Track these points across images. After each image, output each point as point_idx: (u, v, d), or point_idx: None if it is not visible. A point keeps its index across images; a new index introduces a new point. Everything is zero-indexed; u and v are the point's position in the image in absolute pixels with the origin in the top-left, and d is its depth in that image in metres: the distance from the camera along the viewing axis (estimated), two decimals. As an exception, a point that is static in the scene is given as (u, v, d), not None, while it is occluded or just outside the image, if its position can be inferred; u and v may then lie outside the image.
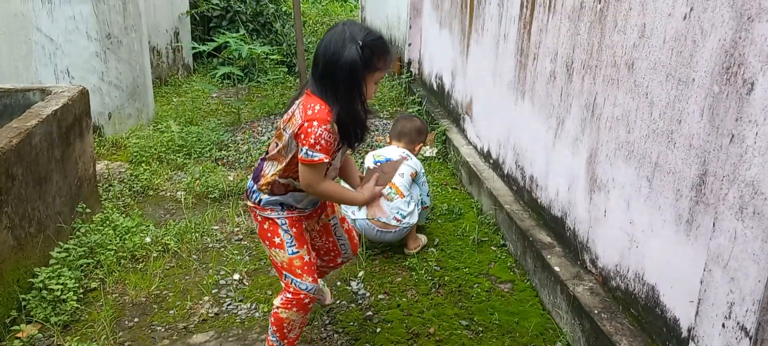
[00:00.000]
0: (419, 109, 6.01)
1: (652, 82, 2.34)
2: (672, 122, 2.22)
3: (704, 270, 1.84)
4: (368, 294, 3.15)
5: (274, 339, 2.43)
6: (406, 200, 3.44)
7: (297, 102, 2.26)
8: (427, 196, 3.72)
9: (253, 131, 5.55)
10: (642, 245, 2.43)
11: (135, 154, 4.83)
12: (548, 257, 3.06)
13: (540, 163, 3.44)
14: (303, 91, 2.27)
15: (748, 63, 1.80)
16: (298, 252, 2.36)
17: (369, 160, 3.62)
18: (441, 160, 5.09)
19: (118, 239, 3.42)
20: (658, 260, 2.33)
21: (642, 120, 2.41)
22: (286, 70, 7.80)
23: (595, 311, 2.59)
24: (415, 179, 3.56)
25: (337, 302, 3.10)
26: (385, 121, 5.89)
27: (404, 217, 3.41)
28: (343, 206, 3.53)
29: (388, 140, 3.79)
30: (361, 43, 2.10)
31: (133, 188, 4.30)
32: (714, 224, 1.81)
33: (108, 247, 3.30)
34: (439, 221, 3.97)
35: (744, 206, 1.69)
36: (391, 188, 3.42)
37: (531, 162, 3.58)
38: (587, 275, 2.87)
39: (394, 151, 3.61)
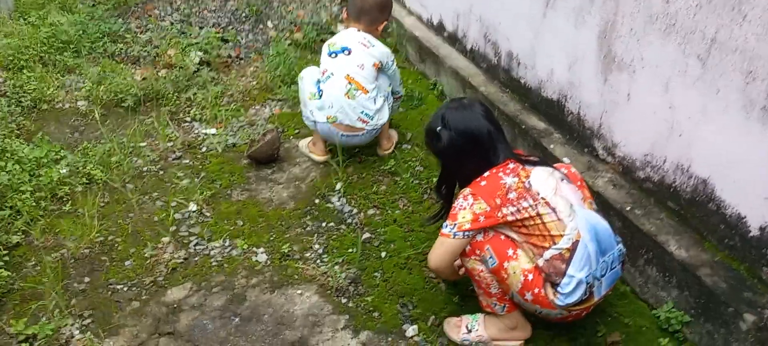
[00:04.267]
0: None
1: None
2: (739, -9, 1.89)
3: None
4: (356, 210, 2.74)
5: None
6: (372, 96, 2.96)
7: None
8: (400, 85, 3.25)
9: (151, 15, 4.66)
10: (687, 133, 2.17)
11: (9, 57, 3.87)
12: (550, 146, 2.77)
13: (522, 39, 3.05)
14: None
15: None
16: None
17: (324, 51, 3.05)
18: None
19: (28, 175, 2.70)
20: (712, 150, 2.09)
21: (689, -12, 2.06)
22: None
23: (628, 208, 2.36)
24: (380, 69, 3.05)
25: (325, 224, 2.66)
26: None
27: (371, 117, 2.95)
28: (305, 107, 3.01)
29: (344, 19, 3.17)
30: None
31: (22, 102, 3.45)
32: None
33: (20, 189, 2.59)
34: (401, 110, 3.53)
35: None
36: (351, 83, 2.91)
37: (508, 37, 3.19)
38: (601, 164, 2.62)
39: (352, 36, 3.04)
